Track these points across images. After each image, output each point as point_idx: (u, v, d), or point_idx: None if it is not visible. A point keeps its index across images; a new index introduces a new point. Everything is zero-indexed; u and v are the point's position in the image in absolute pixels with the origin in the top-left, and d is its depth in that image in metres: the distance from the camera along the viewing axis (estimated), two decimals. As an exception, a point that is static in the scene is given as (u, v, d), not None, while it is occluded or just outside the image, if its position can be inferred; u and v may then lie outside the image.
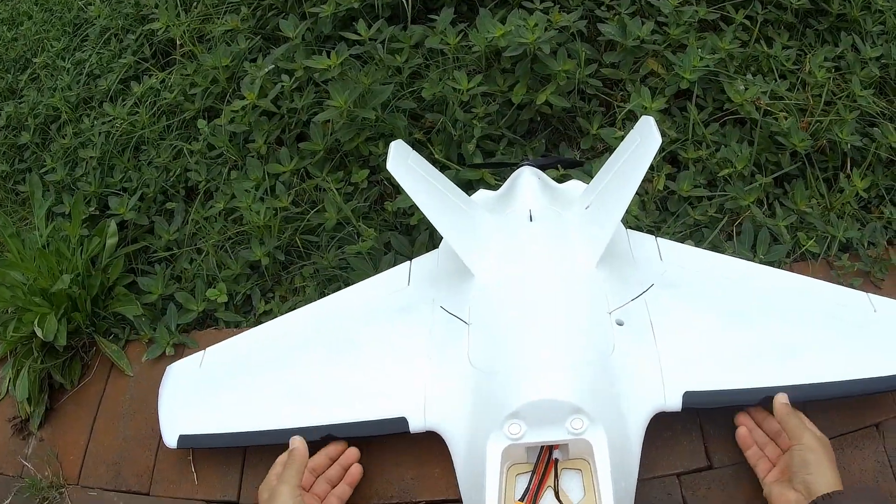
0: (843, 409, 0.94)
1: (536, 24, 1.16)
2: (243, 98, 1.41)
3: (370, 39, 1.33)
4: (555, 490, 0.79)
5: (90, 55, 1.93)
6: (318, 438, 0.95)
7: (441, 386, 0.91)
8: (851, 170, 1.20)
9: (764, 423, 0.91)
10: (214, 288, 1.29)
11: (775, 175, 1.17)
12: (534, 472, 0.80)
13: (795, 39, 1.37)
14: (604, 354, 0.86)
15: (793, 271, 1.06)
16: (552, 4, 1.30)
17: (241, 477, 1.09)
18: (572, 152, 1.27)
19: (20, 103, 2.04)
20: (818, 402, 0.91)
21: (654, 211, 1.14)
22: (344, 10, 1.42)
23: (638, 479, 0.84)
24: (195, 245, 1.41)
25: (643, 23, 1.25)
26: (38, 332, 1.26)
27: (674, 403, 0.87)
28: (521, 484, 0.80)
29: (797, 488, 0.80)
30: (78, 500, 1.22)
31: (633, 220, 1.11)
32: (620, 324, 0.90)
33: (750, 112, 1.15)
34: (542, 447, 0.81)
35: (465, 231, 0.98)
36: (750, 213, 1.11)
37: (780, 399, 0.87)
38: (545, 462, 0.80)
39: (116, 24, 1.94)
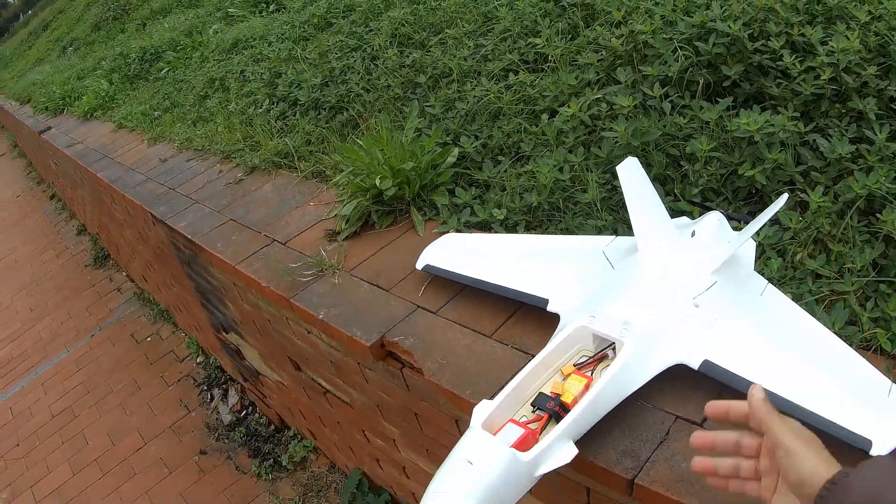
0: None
1: (767, 121, 1.91)
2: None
3: (660, 97, 2.17)
4: (593, 370, 1.52)
5: (489, 44, 2.99)
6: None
7: (574, 292, 1.71)
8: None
9: (719, 440, 1.05)
10: (499, 210, 2.21)
11: (880, 280, 1.70)
12: (591, 357, 1.55)
13: None
14: (671, 313, 1.53)
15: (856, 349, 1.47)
16: (799, 115, 2.03)
17: (446, 302, 2.04)
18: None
19: (426, 55, 3.18)
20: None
21: (791, 271, 1.80)
22: (664, 75, 2.26)
23: (646, 404, 1.52)
24: (502, 183, 2.34)
25: (852, 144, 1.91)
26: (377, 183, 2.36)
27: (694, 362, 1.44)
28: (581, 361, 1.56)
29: (795, 494, 0.90)
30: (340, 278, 2.32)
31: (768, 270, 1.76)
32: (697, 306, 1.53)
33: (892, 231, 1.74)
34: (606, 346, 1.54)
35: (647, 225, 1.72)
36: (847, 297, 1.69)
37: (758, 394, 0.97)
38: (600, 356, 1.54)
39: (514, 29, 2.98)
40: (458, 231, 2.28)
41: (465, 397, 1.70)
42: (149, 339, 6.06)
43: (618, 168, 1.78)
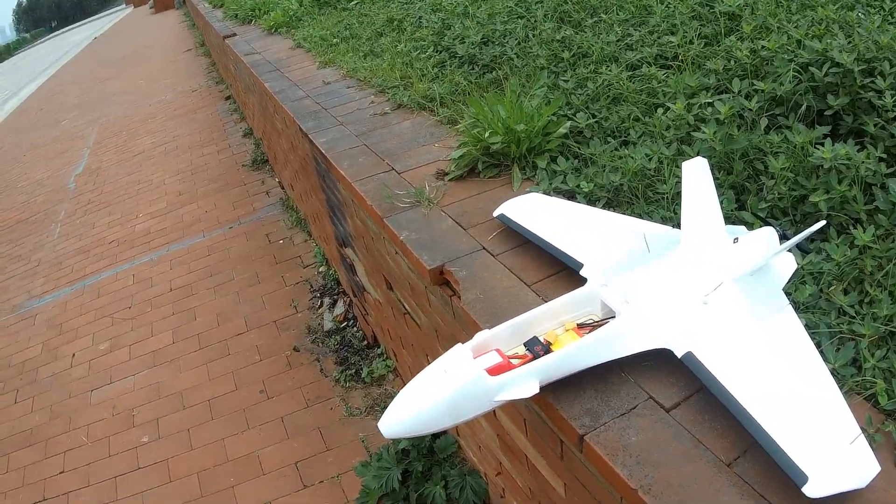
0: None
1: (846, 154, 2.04)
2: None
3: (756, 111, 2.32)
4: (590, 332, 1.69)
5: (637, 34, 3.17)
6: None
7: (607, 263, 1.86)
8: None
9: None
10: (587, 183, 2.44)
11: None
12: (595, 321, 1.73)
13: None
14: (675, 302, 1.65)
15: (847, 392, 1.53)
16: (885, 156, 2.10)
17: (508, 249, 2.28)
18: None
19: (577, 33, 3.38)
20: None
21: (821, 302, 1.85)
22: (774, 94, 2.38)
23: (628, 377, 1.65)
24: (603, 162, 2.56)
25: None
26: (486, 136, 2.66)
27: (679, 351, 1.56)
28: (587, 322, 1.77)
29: None
30: (431, 211, 2.62)
31: (798, 294, 1.82)
32: (705, 303, 1.63)
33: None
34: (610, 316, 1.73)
35: (695, 223, 1.84)
36: (860, 340, 1.69)
37: None
38: (602, 322, 1.71)
39: (662, 26, 3.15)
40: (545, 193, 2.50)
41: (483, 327, 1.88)
42: (281, 241, 6.56)
43: (683, 164, 1.86)
